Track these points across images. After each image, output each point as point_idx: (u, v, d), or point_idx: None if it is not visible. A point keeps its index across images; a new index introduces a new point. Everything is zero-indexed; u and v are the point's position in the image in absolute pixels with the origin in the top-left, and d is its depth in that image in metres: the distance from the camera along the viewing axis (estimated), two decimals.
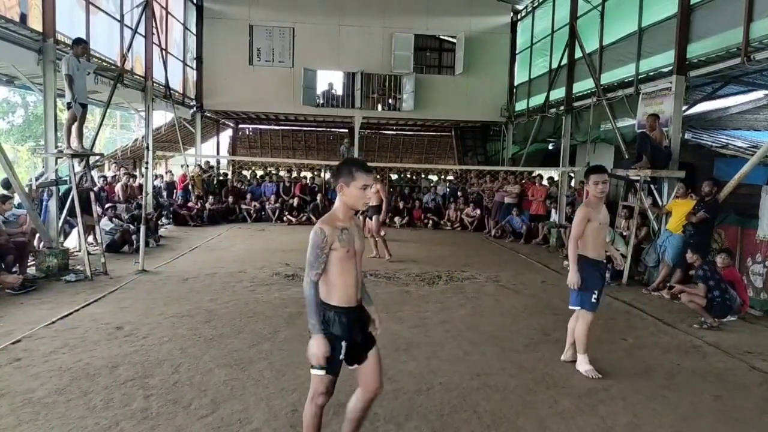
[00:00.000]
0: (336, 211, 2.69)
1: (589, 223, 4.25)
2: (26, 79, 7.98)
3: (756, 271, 6.60)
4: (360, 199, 2.64)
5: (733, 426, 3.58)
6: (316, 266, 2.58)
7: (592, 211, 4.26)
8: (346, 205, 2.67)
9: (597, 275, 4.33)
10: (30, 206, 7.32)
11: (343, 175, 2.63)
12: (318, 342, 2.60)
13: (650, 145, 7.83)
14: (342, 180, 2.64)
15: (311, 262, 2.58)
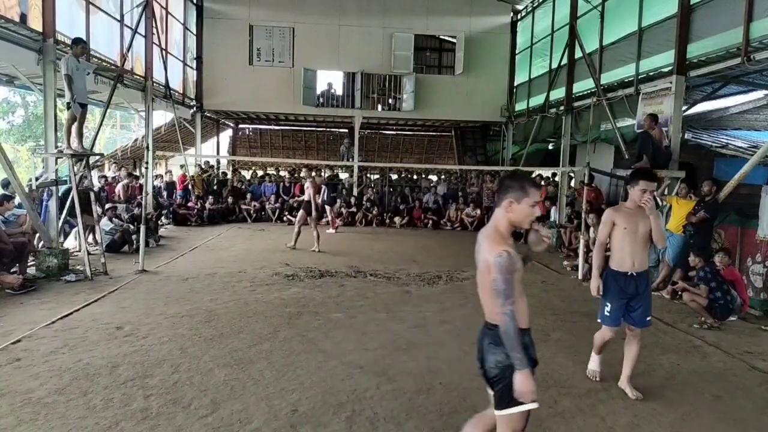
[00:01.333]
0: (501, 229, 2.47)
1: (614, 228, 3.88)
2: (26, 79, 7.98)
3: (756, 271, 6.60)
4: (529, 216, 2.44)
5: (733, 426, 3.58)
6: (510, 293, 2.32)
7: (620, 215, 3.87)
8: (511, 223, 2.46)
9: (615, 287, 3.90)
10: (30, 206, 7.32)
11: (514, 191, 2.42)
12: (527, 376, 2.32)
13: (651, 144, 7.82)
14: (512, 196, 2.42)
15: (505, 291, 2.31)
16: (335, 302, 6.32)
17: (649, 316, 3.96)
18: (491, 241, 2.43)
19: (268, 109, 16.85)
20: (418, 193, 15.93)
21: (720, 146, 8.34)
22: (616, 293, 3.90)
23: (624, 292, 3.87)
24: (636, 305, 3.90)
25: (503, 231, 2.47)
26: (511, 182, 2.47)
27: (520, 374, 2.32)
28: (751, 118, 10.31)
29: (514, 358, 2.32)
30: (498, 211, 2.49)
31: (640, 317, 3.93)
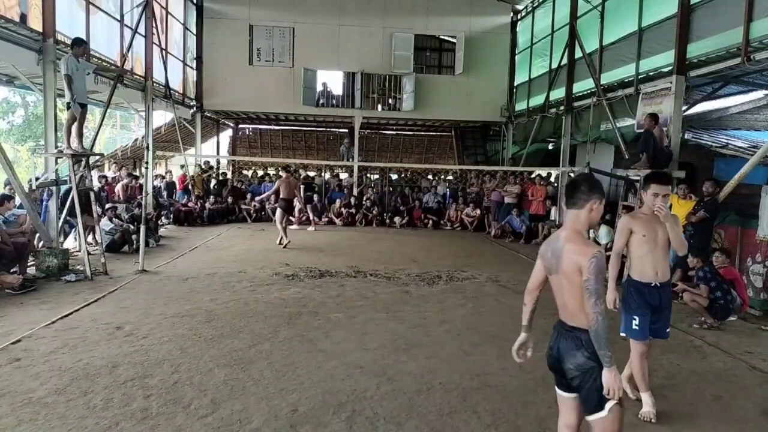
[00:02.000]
0: (582, 230, 2.52)
1: (631, 235, 3.60)
2: (26, 79, 7.99)
3: (756, 271, 6.60)
4: (597, 219, 2.56)
5: (733, 426, 3.58)
6: (601, 293, 2.37)
7: (637, 222, 3.60)
8: (589, 224, 2.54)
9: (640, 299, 3.61)
10: (30, 206, 7.32)
11: (597, 193, 2.49)
12: (616, 373, 2.37)
13: (653, 144, 7.82)
14: (596, 197, 2.49)
15: (597, 291, 2.35)
16: (335, 302, 6.32)
17: (669, 327, 3.74)
18: (579, 243, 2.46)
19: (268, 109, 16.86)
20: (418, 193, 15.93)
21: (720, 146, 8.34)
22: (643, 305, 3.60)
23: (649, 304, 3.60)
24: (657, 318, 3.63)
25: (583, 232, 2.52)
26: (593, 184, 2.53)
27: (609, 371, 2.35)
28: (751, 118, 10.31)
29: (604, 356, 2.35)
30: (578, 212, 2.51)
31: (662, 329, 3.70)
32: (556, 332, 2.59)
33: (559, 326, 2.58)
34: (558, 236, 2.57)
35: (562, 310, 2.55)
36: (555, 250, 2.53)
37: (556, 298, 2.57)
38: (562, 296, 2.53)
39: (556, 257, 2.51)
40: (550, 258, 2.56)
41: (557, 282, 2.54)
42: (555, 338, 2.58)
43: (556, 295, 2.56)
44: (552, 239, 2.61)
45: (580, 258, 2.39)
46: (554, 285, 2.57)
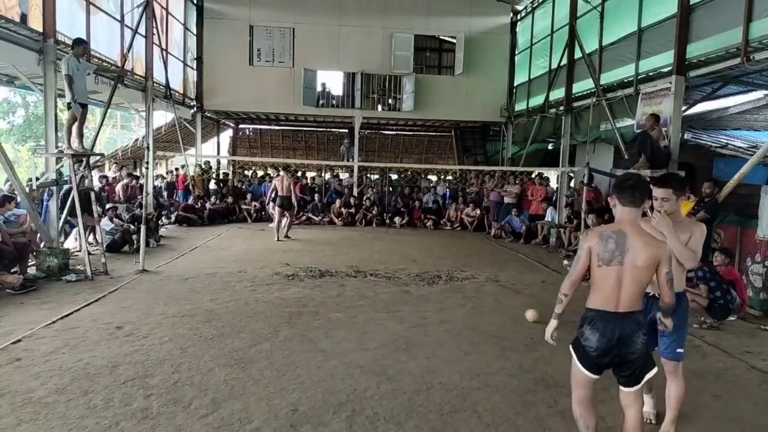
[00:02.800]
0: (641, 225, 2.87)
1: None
2: (27, 79, 8.00)
3: (755, 271, 6.60)
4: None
5: (732, 426, 3.59)
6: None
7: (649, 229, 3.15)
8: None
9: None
10: (30, 206, 7.33)
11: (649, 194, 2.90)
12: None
13: (651, 144, 7.84)
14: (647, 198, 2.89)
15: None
16: (335, 302, 6.33)
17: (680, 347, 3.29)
18: (653, 237, 2.77)
19: (268, 110, 16.87)
20: (418, 193, 15.94)
21: (719, 146, 8.34)
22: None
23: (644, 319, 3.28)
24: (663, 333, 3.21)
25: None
26: (648, 186, 2.88)
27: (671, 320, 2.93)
28: (750, 118, 10.31)
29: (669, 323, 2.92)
30: (638, 210, 2.79)
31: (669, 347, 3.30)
32: (605, 322, 2.75)
33: (610, 316, 2.74)
34: (620, 230, 2.75)
35: (616, 299, 2.73)
36: (620, 244, 2.71)
37: (606, 288, 2.74)
38: (620, 286, 2.71)
39: (622, 250, 2.70)
40: (614, 251, 2.71)
41: (615, 273, 2.71)
42: (610, 328, 2.74)
43: (608, 285, 2.74)
44: (609, 233, 2.76)
45: (661, 251, 2.71)
46: (608, 275, 2.73)
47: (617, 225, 2.80)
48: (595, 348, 2.79)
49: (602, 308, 2.77)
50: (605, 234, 2.77)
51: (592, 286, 2.85)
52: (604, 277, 2.75)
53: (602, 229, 2.85)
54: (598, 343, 2.77)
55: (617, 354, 2.75)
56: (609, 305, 2.75)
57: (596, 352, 2.80)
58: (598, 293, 2.80)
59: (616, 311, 2.73)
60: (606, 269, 2.73)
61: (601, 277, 2.76)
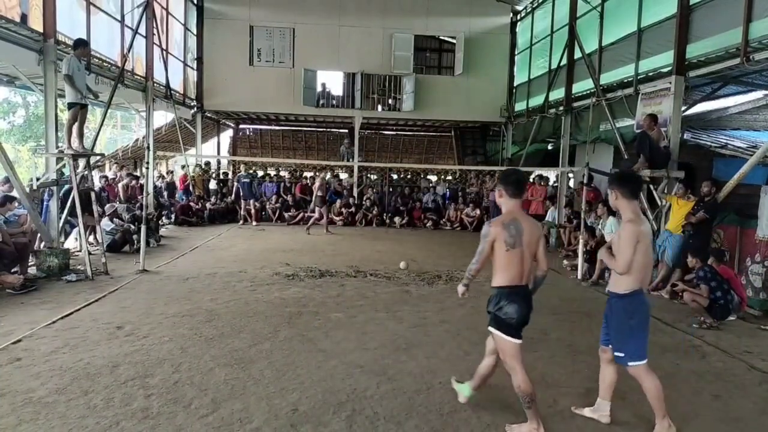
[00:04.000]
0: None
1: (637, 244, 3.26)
2: (27, 79, 8.00)
3: (755, 271, 6.61)
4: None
5: (732, 426, 3.59)
6: None
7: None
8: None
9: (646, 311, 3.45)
10: (31, 206, 7.33)
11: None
12: None
13: (649, 145, 7.84)
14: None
15: None
16: (335, 302, 6.33)
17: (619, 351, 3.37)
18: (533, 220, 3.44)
19: (268, 110, 16.87)
20: (418, 193, 15.94)
21: (719, 146, 8.35)
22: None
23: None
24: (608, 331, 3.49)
25: None
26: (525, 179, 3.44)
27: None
28: (750, 118, 10.32)
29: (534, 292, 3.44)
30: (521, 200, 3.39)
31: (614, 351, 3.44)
32: (518, 294, 3.26)
33: (520, 288, 3.28)
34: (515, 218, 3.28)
35: (521, 274, 3.27)
36: (518, 229, 3.25)
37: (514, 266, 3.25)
38: (522, 263, 3.26)
39: (520, 234, 3.24)
40: (515, 236, 3.24)
41: (519, 253, 3.24)
42: (522, 297, 3.28)
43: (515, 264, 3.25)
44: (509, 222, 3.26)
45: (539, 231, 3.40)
46: (514, 256, 3.24)
47: (511, 214, 3.30)
48: (517, 317, 3.26)
49: (514, 284, 3.28)
50: (506, 223, 3.26)
51: (499, 268, 3.29)
52: (512, 258, 3.24)
53: (502, 219, 3.31)
54: (518, 313, 3.26)
55: (528, 316, 3.32)
56: (518, 280, 3.27)
57: (518, 320, 3.28)
58: (507, 272, 3.27)
59: (522, 284, 3.30)
60: (512, 251, 3.23)
61: (509, 258, 3.25)
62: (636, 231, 3.23)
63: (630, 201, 3.32)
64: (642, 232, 3.25)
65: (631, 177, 3.54)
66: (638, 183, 3.40)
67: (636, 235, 3.22)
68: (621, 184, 3.39)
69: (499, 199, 3.41)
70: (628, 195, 3.33)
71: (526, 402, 3.29)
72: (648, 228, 3.36)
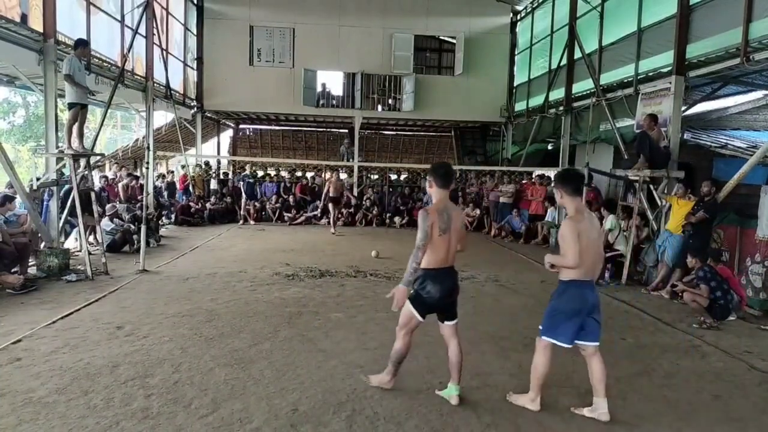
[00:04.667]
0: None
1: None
2: (27, 79, 8.00)
3: (755, 271, 6.61)
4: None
5: (732, 426, 3.59)
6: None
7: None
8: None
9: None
10: (31, 206, 7.34)
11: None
12: None
13: (649, 145, 7.84)
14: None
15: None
16: (335, 302, 6.33)
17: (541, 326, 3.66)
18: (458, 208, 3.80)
19: (268, 110, 16.88)
20: (418, 193, 15.93)
21: (719, 146, 8.36)
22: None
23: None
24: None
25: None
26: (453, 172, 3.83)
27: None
28: (750, 118, 10.32)
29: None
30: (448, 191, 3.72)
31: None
32: (443, 276, 3.61)
33: (446, 270, 3.64)
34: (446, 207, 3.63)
35: (447, 257, 3.62)
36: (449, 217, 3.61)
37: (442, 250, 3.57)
38: (449, 248, 3.61)
39: (450, 221, 3.59)
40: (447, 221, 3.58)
41: (447, 238, 3.57)
42: (447, 279, 3.65)
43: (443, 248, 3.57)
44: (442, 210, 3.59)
45: (463, 218, 3.79)
46: (444, 241, 3.56)
47: (442, 203, 3.65)
48: (439, 297, 3.58)
49: (441, 266, 3.61)
50: (440, 210, 3.59)
51: (429, 251, 3.56)
52: (442, 242, 3.57)
53: (435, 207, 3.62)
54: (440, 293, 3.58)
55: (448, 297, 3.65)
56: (444, 263, 3.62)
57: (438, 300, 3.59)
58: (436, 255, 3.58)
59: (447, 267, 3.64)
60: (443, 236, 3.56)
61: (440, 243, 3.57)
62: (575, 227, 3.39)
63: (573, 198, 3.52)
64: (582, 228, 3.41)
65: (573, 176, 3.65)
66: (580, 181, 3.60)
67: (576, 231, 3.38)
68: (564, 182, 3.56)
69: (430, 189, 3.74)
70: (571, 192, 3.51)
71: (394, 360, 3.76)
72: (592, 224, 3.53)
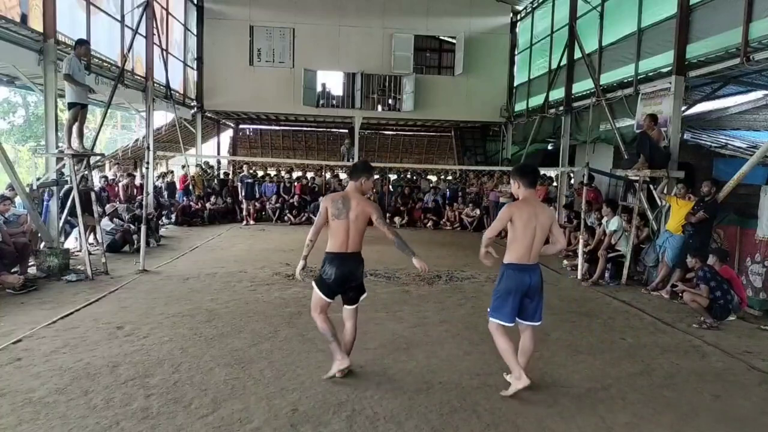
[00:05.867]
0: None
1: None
2: (27, 79, 8.00)
3: (755, 271, 6.61)
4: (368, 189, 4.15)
5: (732, 426, 3.59)
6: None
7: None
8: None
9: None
10: (31, 206, 7.33)
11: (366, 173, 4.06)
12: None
13: (649, 144, 7.84)
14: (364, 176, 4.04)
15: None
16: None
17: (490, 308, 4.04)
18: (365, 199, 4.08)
19: (268, 110, 16.87)
20: (418, 193, 15.93)
21: (719, 146, 8.35)
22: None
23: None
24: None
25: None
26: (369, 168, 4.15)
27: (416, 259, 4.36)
28: (750, 118, 10.33)
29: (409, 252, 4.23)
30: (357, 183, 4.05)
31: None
32: (340, 260, 3.91)
33: (343, 255, 3.92)
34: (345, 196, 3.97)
35: (346, 243, 3.91)
36: (345, 205, 3.91)
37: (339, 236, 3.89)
38: (347, 234, 3.90)
39: (347, 209, 3.89)
40: (341, 209, 3.89)
41: (344, 225, 3.88)
42: (344, 264, 3.92)
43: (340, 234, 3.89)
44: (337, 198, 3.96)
45: (368, 208, 3.97)
46: (339, 227, 3.88)
47: (345, 193, 4.00)
48: (334, 279, 3.91)
49: (338, 251, 3.92)
50: (335, 198, 3.95)
51: (329, 237, 3.92)
52: (337, 228, 3.89)
53: (333, 196, 4.01)
54: (336, 275, 3.90)
55: (347, 281, 3.96)
56: (342, 248, 3.91)
57: (334, 282, 3.92)
58: (334, 240, 3.92)
59: (346, 252, 3.92)
60: (337, 222, 3.87)
61: (335, 228, 3.90)
62: (510, 210, 3.77)
63: (526, 189, 3.83)
64: (519, 215, 3.73)
65: (530, 170, 3.94)
66: (535, 174, 3.93)
67: (508, 215, 3.76)
68: (522, 175, 3.87)
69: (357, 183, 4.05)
70: (526, 185, 3.84)
71: (327, 339, 4.01)
72: (537, 215, 3.74)
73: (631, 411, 3.70)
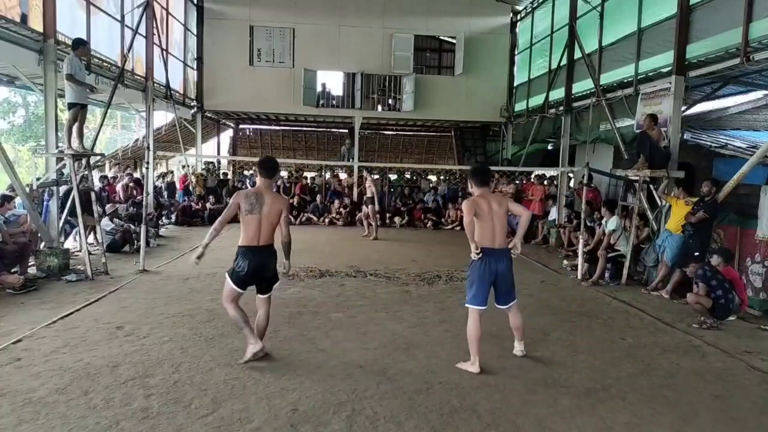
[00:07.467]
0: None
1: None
2: (27, 79, 8.00)
3: (755, 271, 6.61)
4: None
5: (732, 425, 3.59)
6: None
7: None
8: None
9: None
10: (31, 206, 7.33)
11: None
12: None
13: (649, 144, 7.85)
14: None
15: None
16: (335, 302, 6.33)
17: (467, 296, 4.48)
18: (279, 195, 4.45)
19: (268, 110, 16.88)
20: (418, 193, 15.93)
21: (719, 146, 8.36)
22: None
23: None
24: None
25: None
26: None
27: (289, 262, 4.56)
28: (750, 118, 10.33)
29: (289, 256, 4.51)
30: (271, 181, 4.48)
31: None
32: (252, 253, 4.17)
33: (255, 248, 4.17)
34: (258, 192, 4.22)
35: (257, 237, 4.17)
36: (258, 201, 4.18)
37: (251, 230, 4.18)
38: (259, 228, 4.17)
39: (260, 204, 4.17)
40: (254, 204, 4.17)
41: (256, 220, 4.16)
42: (255, 256, 4.18)
43: (252, 228, 4.17)
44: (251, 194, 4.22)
45: (281, 205, 4.26)
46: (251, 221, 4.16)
47: (257, 189, 4.24)
48: (246, 271, 4.12)
49: (249, 244, 4.16)
50: (249, 194, 4.19)
51: (241, 231, 4.15)
52: (249, 223, 4.13)
53: (246, 191, 4.26)
54: (248, 267, 4.12)
55: (259, 273, 4.19)
56: (254, 242, 4.15)
57: (246, 274, 4.13)
58: (246, 233, 4.16)
59: (258, 245, 4.16)
60: (249, 216, 4.11)
61: (247, 223, 4.14)
62: (472, 203, 4.22)
63: (479, 188, 4.34)
64: (479, 206, 4.22)
65: (480, 171, 4.44)
66: (485, 174, 4.41)
67: (470, 208, 4.21)
68: (473, 176, 4.40)
69: (256, 178, 4.27)
70: (477, 183, 4.35)
71: (240, 327, 4.24)
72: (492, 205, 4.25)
73: (631, 411, 3.70)
